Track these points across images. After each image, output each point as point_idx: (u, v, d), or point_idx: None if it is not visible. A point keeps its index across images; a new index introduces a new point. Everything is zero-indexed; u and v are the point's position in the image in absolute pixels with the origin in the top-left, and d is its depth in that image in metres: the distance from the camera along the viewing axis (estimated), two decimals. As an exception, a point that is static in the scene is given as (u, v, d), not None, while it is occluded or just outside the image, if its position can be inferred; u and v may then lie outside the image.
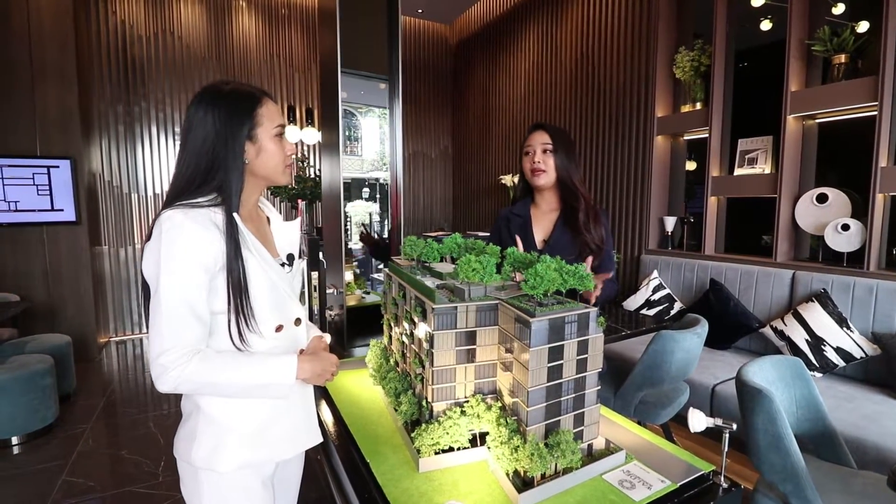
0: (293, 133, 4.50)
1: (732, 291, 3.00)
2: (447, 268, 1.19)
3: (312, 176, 3.98)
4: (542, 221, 1.61)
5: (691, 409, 0.90)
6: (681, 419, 2.69)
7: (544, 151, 1.54)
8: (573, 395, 0.89)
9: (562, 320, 0.84)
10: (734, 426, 0.88)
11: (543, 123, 1.59)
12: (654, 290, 3.40)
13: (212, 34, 4.99)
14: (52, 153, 3.98)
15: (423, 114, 6.25)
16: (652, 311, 3.33)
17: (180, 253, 0.88)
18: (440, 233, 4.75)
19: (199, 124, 0.95)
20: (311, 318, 1.87)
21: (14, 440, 2.77)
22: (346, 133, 6.19)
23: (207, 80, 4.93)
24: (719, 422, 0.90)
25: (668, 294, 3.35)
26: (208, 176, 0.96)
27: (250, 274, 0.97)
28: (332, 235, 1.89)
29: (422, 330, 0.97)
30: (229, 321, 0.94)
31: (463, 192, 6.24)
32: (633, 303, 3.43)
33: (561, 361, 0.86)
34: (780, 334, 2.64)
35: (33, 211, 3.96)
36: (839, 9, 2.69)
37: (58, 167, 4.03)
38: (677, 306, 3.29)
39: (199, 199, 0.95)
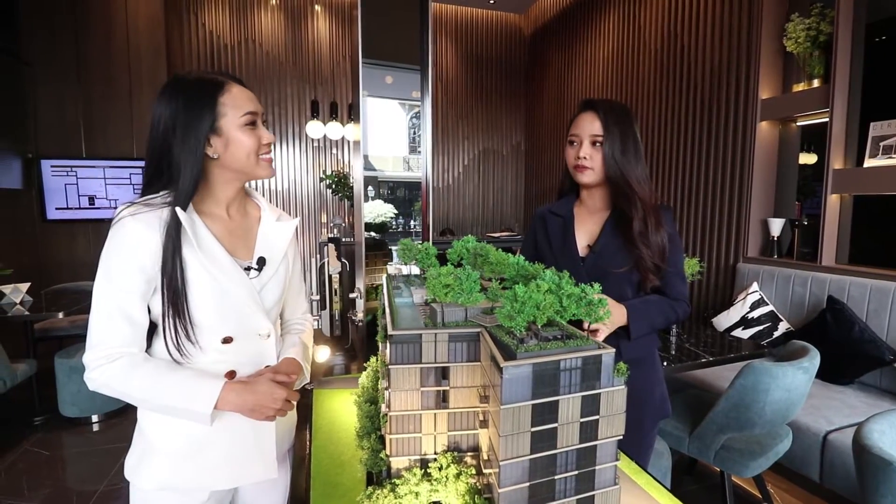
0: (335, 130, 4.45)
1: (858, 313, 2.40)
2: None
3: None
4: (588, 223, 1.31)
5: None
6: (781, 468, 2.18)
7: (593, 144, 1.20)
8: (575, 473, 0.62)
9: (555, 366, 0.58)
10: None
11: (596, 102, 1.22)
12: (753, 307, 2.85)
13: (289, 40, 5.17)
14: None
15: (495, 109, 5.98)
16: (748, 332, 2.79)
17: (117, 253, 0.85)
18: (505, 233, 4.48)
19: (159, 119, 0.90)
20: (331, 324, 1.75)
21: (94, 418, 3.00)
22: (420, 132, 6.14)
23: (285, 83, 5.13)
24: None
25: (771, 312, 2.79)
26: (166, 171, 0.90)
27: (191, 276, 0.88)
28: (356, 236, 1.74)
29: (386, 360, 0.76)
30: (164, 327, 0.87)
31: (535, 191, 5.89)
32: (724, 321, 2.91)
33: (554, 424, 0.60)
34: (928, 373, 2.04)
35: (130, 208, 4.35)
36: None
37: (151, 168, 4.40)
38: (782, 327, 2.73)
39: (156, 196, 0.91)
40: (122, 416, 3.08)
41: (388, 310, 0.82)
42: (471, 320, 0.73)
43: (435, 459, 0.71)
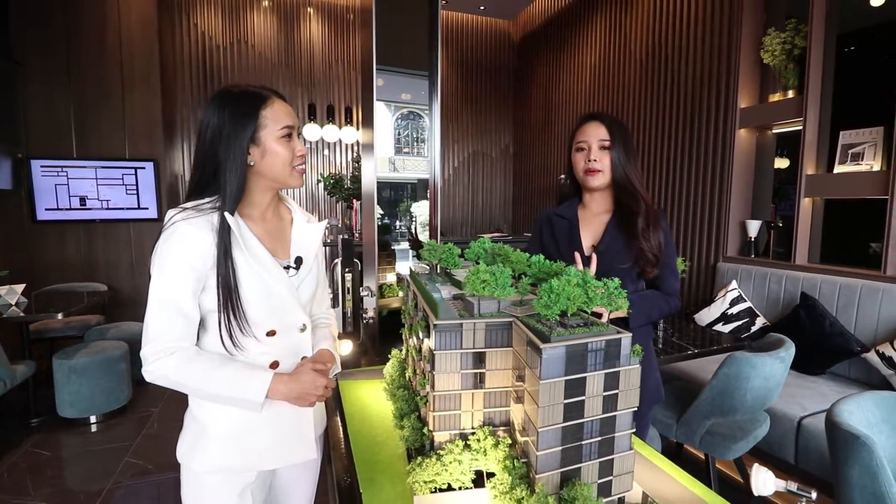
0: (332, 132, 4.52)
1: (829, 308, 2.58)
2: (469, 276, 1.07)
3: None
4: (592, 224, 1.43)
5: (756, 466, 0.71)
6: (759, 452, 2.35)
7: (601, 148, 1.34)
8: (598, 439, 0.73)
9: (583, 347, 0.69)
10: (813, 494, 0.68)
11: (599, 113, 1.39)
12: (732, 303, 3.03)
13: (282, 41, 5.20)
14: (138, 156, 4.34)
15: (484, 113, 6.12)
16: (728, 327, 2.96)
17: (170, 253, 0.93)
18: (495, 234, 4.60)
19: (207, 127, 0.98)
20: (344, 321, 1.83)
21: (92, 419, 3.01)
22: (414, 135, 6.21)
23: (278, 85, 5.16)
24: (794, 487, 0.70)
25: (749, 308, 2.97)
26: (213, 178, 0.98)
27: (240, 276, 0.96)
28: (368, 236, 1.83)
29: (426, 347, 0.86)
30: (220, 321, 0.95)
31: (523, 192, 6.04)
32: (705, 317, 3.08)
33: (582, 397, 0.70)
34: (889, 361, 2.22)
35: (122, 209, 4.33)
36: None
37: (143, 168, 4.38)
38: (759, 322, 2.91)
39: (204, 201, 0.98)
40: (120, 417, 3.10)
41: (424, 303, 0.92)
42: (503, 311, 0.83)
43: (473, 433, 0.81)
